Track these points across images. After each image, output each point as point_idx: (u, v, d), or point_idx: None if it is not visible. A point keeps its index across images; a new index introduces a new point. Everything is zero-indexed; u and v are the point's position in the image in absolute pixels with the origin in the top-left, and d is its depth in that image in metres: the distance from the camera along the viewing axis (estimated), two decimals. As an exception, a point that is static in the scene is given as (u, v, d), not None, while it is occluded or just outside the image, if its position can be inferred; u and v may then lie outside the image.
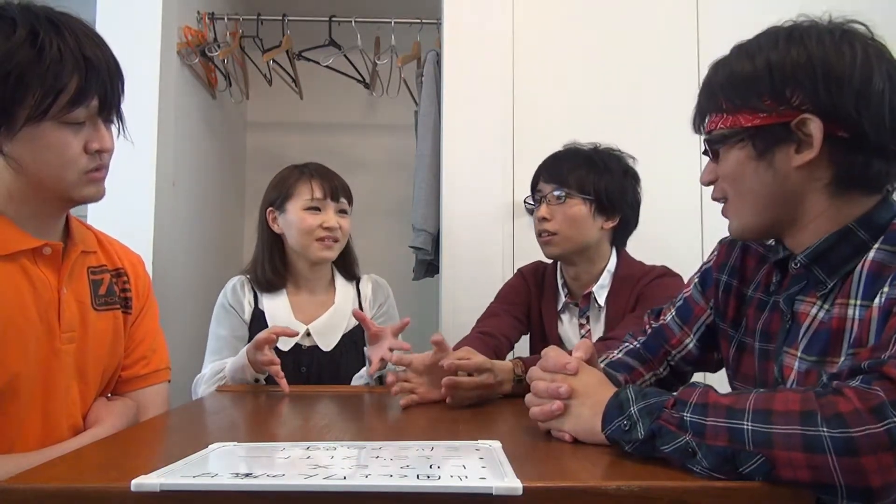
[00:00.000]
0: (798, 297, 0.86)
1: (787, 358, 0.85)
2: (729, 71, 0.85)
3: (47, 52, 0.85)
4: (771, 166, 0.82)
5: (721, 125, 0.85)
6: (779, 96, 0.79)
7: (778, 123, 0.80)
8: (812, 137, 0.78)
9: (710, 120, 0.87)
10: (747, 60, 0.83)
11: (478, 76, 2.14)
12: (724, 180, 0.88)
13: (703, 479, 0.63)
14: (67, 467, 0.72)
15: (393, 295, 1.68)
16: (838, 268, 0.81)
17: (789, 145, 0.80)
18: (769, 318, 0.91)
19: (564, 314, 1.57)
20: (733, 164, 0.85)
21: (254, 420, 1.09)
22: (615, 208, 1.50)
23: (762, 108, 0.81)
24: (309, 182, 1.54)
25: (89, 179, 0.94)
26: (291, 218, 1.54)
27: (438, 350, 1.13)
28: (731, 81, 0.84)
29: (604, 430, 0.75)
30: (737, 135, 0.83)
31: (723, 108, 0.85)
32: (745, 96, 0.82)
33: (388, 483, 0.60)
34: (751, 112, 0.81)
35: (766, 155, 0.82)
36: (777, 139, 0.81)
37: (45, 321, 0.93)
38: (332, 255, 1.55)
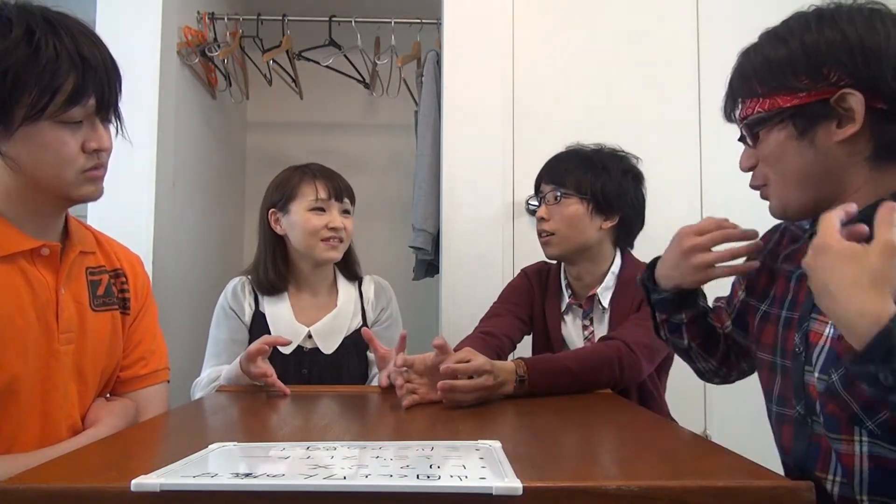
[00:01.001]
0: None
1: (817, 324, 0.85)
2: (762, 56, 0.85)
3: (43, 52, 0.85)
4: (813, 144, 0.83)
5: (759, 109, 0.85)
6: (816, 74, 0.80)
7: (818, 101, 0.81)
8: (853, 111, 0.79)
9: (746, 105, 0.88)
10: (781, 44, 0.84)
11: (478, 76, 2.14)
12: (765, 162, 0.89)
13: (703, 479, 0.63)
14: (67, 467, 0.72)
15: (395, 297, 1.68)
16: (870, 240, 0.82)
17: (830, 121, 0.81)
18: (797, 288, 0.92)
19: (568, 315, 1.57)
20: (774, 145, 0.86)
21: (254, 420, 1.09)
22: (613, 208, 1.50)
23: (800, 87, 0.81)
24: (313, 183, 1.54)
25: (87, 178, 0.94)
26: (295, 219, 1.53)
27: (440, 353, 1.13)
28: (766, 65, 0.85)
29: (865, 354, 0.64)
30: (776, 116, 0.84)
31: (758, 92, 0.85)
32: (782, 78, 0.83)
33: (388, 483, 0.60)
34: (789, 92, 0.82)
35: (807, 133, 0.82)
36: (818, 116, 0.81)
37: (43, 322, 0.93)
38: (337, 255, 1.55)
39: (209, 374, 1.45)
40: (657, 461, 0.75)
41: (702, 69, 2.15)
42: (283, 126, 3.07)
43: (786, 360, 0.91)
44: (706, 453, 0.78)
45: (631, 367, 1.28)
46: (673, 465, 0.74)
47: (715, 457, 0.75)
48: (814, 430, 0.83)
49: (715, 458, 0.75)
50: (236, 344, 1.49)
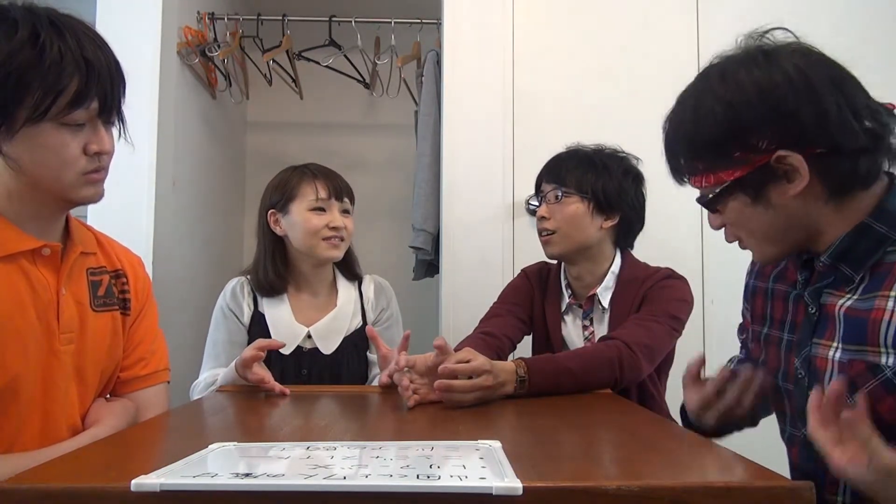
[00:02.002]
0: (826, 291, 0.87)
1: (820, 349, 0.86)
2: (682, 132, 0.89)
3: (48, 54, 0.85)
4: (770, 205, 0.84)
5: (705, 184, 0.87)
6: (745, 146, 0.82)
7: (758, 168, 0.82)
8: (795, 168, 0.80)
9: (693, 180, 0.90)
10: (693, 116, 0.86)
11: (478, 76, 2.14)
12: (733, 227, 0.91)
13: (703, 479, 0.63)
14: (67, 467, 0.72)
15: (395, 296, 1.68)
16: (863, 261, 0.83)
17: (779, 181, 0.82)
18: (795, 310, 0.93)
19: (568, 315, 1.57)
20: (734, 213, 0.88)
21: (254, 420, 1.09)
22: (613, 208, 1.50)
23: (737, 161, 0.83)
24: (313, 183, 1.54)
25: (88, 181, 0.94)
26: (296, 219, 1.53)
27: (440, 353, 1.13)
28: (693, 147, 0.87)
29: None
30: (725, 190, 0.86)
31: (699, 168, 0.87)
32: (714, 155, 0.85)
33: (388, 483, 0.60)
34: (727, 167, 0.84)
35: (760, 197, 0.84)
36: (765, 180, 0.83)
37: (43, 322, 0.93)
38: (338, 254, 1.55)
39: (206, 378, 1.45)
40: (657, 461, 0.75)
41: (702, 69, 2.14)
42: (283, 126, 3.07)
43: (788, 384, 0.92)
44: (706, 453, 0.78)
45: (631, 367, 1.28)
46: (673, 465, 0.74)
47: (715, 457, 0.75)
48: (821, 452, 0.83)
49: (715, 458, 0.75)
50: (235, 346, 1.49)
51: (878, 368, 0.78)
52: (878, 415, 0.76)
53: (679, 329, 1.42)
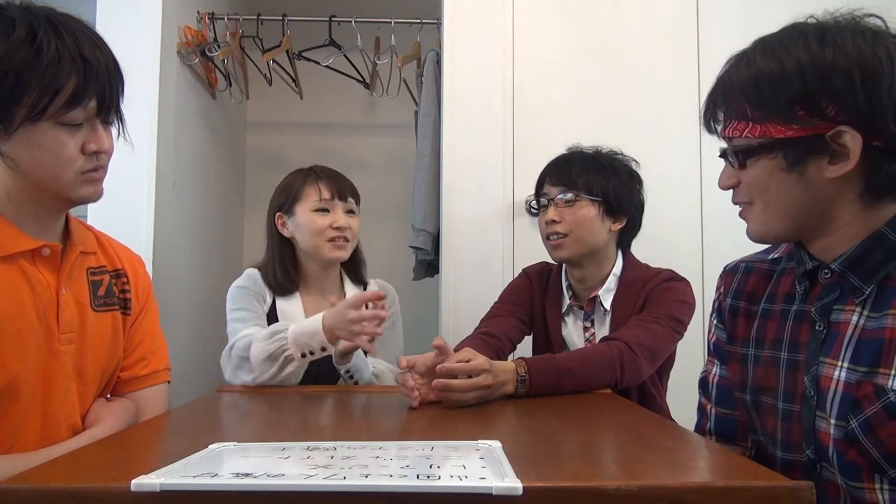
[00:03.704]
0: (835, 307, 0.82)
1: (826, 368, 0.81)
2: (754, 71, 0.80)
3: (45, 53, 0.86)
4: (802, 178, 0.79)
5: (748, 134, 0.80)
6: (813, 107, 0.76)
7: (812, 135, 0.76)
8: (848, 149, 0.75)
9: (733, 126, 0.83)
10: (774, 60, 0.78)
11: (478, 76, 2.14)
12: (751, 188, 0.84)
13: (703, 479, 0.63)
14: (67, 467, 0.72)
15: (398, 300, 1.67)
16: (874, 273, 0.79)
17: (823, 157, 0.77)
18: (797, 328, 0.87)
19: (568, 317, 1.57)
20: (761, 173, 0.82)
21: (254, 420, 1.09)
22: (622, 210, 1.50)
23: (795, 119, 0.76)
24: (316, 183, 1.55)
25: (86, 180, 0.94)
26: (301, 220, 1.53)
27: (440, 353, 1.13)
28: (757, 85, 0.79)
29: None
30: (766, 146, 0.79)
31: (748, 116, 0.80)
32: (776, 106, 0.78)
33: (388, 483, 0.60)
34: (782, 123, 0.77)
35: (797, 167, 0.78)
36: (811, 151, 0.77)
37: (43, 322, 0.93)
38: (344, 254, 1.55)
39: (268, 330, 1.36)
40: (657, 461, 0.75)
41: (702, 70, 2.15)
42: (283, 126, 3.07)
43: (793, 405, 0.86)
44: (706, 453, 0.78)
45: (631, 367, 1.28)
46: (673, 465, 0.74)
47: (715, 457, 0.75)
48: (822, 476, 0.81)
49: (715, 458, 0.75)
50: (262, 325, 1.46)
51: (883, 391, 0.74)
52: (880, 440, 0.74)
53: (680, 331, 1.42)
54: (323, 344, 1.30)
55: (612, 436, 0.94)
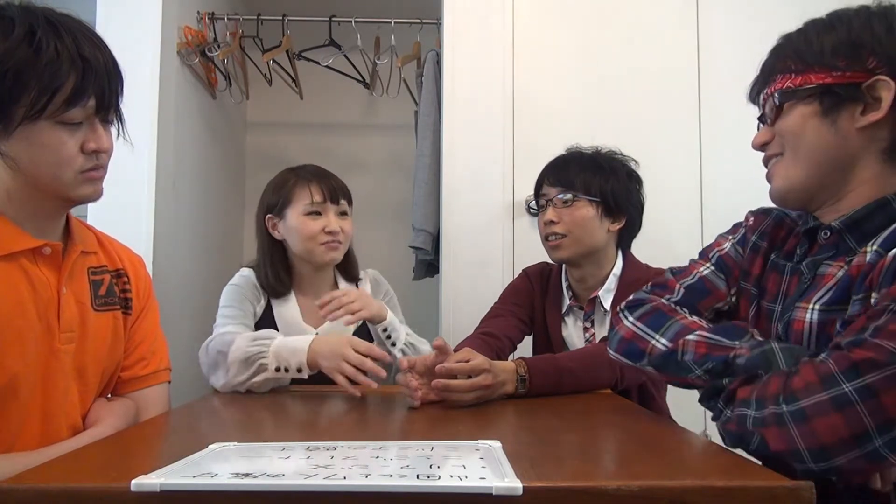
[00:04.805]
0: (825, 262, 0.86)
1: (799, 312, 0.85)
2: (805, 37, 0.85)
3: (44, 52, 0.86)
4: (834, 125, 0.83)
5: (789, 84, 0.85)
6: (855, 56, 0.81)
7: (850, 83, 0.81)
8: (881, 100, 0.79)
9: (776, 81, 0.87)
10: (826, 29, 0.84)
11: (478, 76, 2.14)
12: (783, 135, 0.88)
13: (703, 479, 0.63)
14: (67, 467, 0.72)
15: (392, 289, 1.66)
16: (870, 236, 0.82)
17: (856, 106, 0.81)
18: (789, 282, 0.91)
19: (569, 317, 1.57)
20: (796, 119, 0.85)
21: (254, 420, 1.09)
22: (621, 210, 1.50)
23: (836, 66, 0.81)
24: (307, 186, 1.51)
25: (86, 179, 0.94)
26: (292, 224, 1.51)
27: (440, 354, 1.13)
28: (807, 44, 0.84)
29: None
30: (806, 91, 0.84)
31: (792, 68, 0.85)
32: (820, 55, 0.83)
33: (388, 483, 0.60)
34: (823, 69, 0.82)
35: (831, 113, 0.82)
36: (846, 98, 0.81)
37: (44, 321, 0.93)
38: (337, 256, 1.53)
39: (253, 334, 1.34)
40: (657, 461, 0.75)
41: (702, 70, 2.15)
42: (283, 126, 3.07)
43: None
44: (706, 453, 0.78)
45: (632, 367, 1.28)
46: (673, 465, 0.74)
47: (715, 457, 0.75)
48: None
49: (715, 458, 0.75)
50: (251, 323, 1.47)
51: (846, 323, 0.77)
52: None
53: None
54: (300, 365, 1.26)
55: (612, 436, 0.94)
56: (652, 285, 1.08)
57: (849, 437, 0.66)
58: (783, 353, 0.79)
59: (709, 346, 0.87)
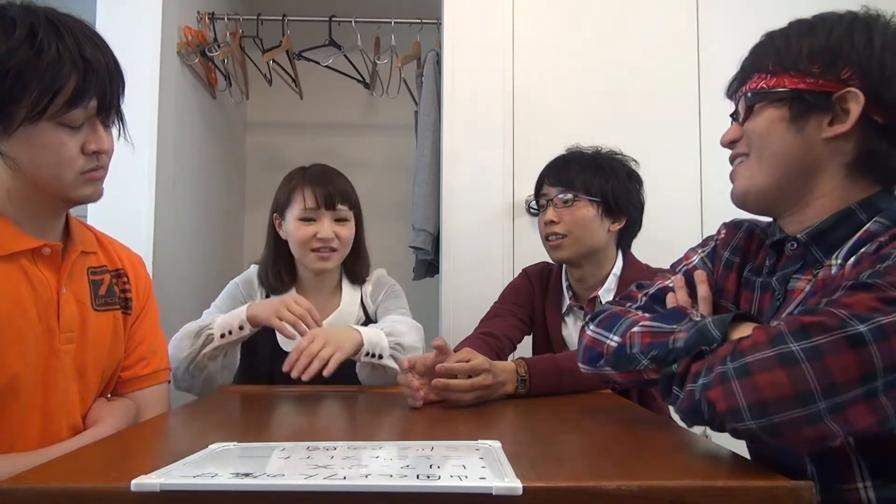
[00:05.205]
0: (794, 276, 0.86)
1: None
2: (786, 37, 0.85)
3: (46, 53, 0.85)
4: (801, 132, 0.83)
5: (763, 85, 0.85)
6: (830, 65, 0.80)
7: (821, 91, 0.80)
8: (849, 112, 0.79)
9: (752, 80, 0.87)
10: (808, 31, 0.83)
11: (478, 76, 2.14)
12: (750, 137, 0.88)
13: (703, 479, 0.63)
14: (67, 467, 0.72)
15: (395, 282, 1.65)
16: (835, 247, 0.82)
17: (824, 115, 0.81)
18: (762, 298, 0.91)
19: (569, 317, 1.57)
20: (765, 121, 0.85)
21: (254, 420, 1.09)
22: (621, 210, 1.50)
23: (810, 72, 0.81)
24: (302, 190, 1.50)
25: (86, 179, 0.94)
26: (289, 228, 1.52)
27: (440, 354, 1.13)
28: (786, 45, 0.84)
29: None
30: (777, 94, 0.84)
31: (768, 68, 0.85)
32: (796, 59, 0.82)
33: (388, 483, 0.60)
34: (798, 74, 0.82)
35: (799, 120, 0.82)
36: (815, 106, 0.81)
37: (44, 321, 0.93)
38: (329, 265, 1.52)
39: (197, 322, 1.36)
40: (657, 461, 0.75)
41: (702, 70, 2.15)
42: (283, 126, 3.07)
43: None
44: (706, 453, 0.78)
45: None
46: (673, 465, 0.74)
47: (715, 457, 0.75)
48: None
49: (715, 458, 0.75)
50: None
51: None
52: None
53: None
54: (242, 323, 1.29)
55: (612, 436, 0.94)
56: (620, 297, 1.09)
57: (792, 394, 0.64)
58: (714, 322, 0.79)
59: (652, 334, 0.87)
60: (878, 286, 0.67)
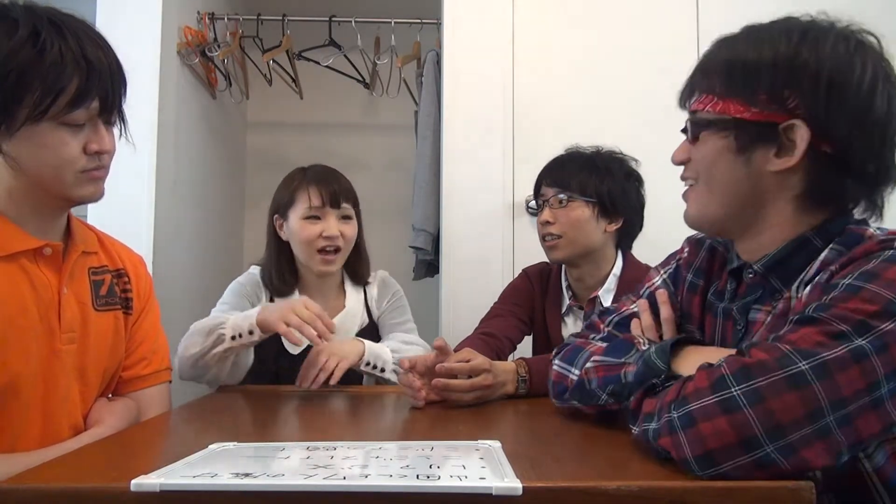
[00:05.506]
0: (754, 307, 0.84)
1: None
2: (733, 52, 0.81)
3: (48, 53, 0.85)
4: (747, 163, 0.80)
5: (709, 108, 0.82)
6: (775, 94, 0.77)
7: (766, 122, 0.77)
8: (795, 145, 0.76)
9: (699, 99, 0.83)
10: (754, 47, 0.80)
11: (478, 76, 2.14)
12: (698, 164, 0.86)
13: (703, 479, 0.63)
14: (67, 467, 0.72)
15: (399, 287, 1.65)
16: (794, 276, 0.80)
17: (770, 147, 0.78)
18: (724, 326, 0.89)
19: (568, 317, 1.57)
20: (710, 151, 0.82)
21: (254, 420, 1.09)
22: (618, 211, 1.50)
23: (755, 102, 0.78)
24: (307, 189, 1.49)
25: (87, 179, 0.94)
26: (293, 227, 1.50)
27: (440, 354, 1.13)
28: (731, 63, 0.80)
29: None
30: (722, 123, 0.80)
31: (716, 90, 0.81)
32: (742, 84, 0.79)
33: (387, 483, 0.60)
34: (742, 103, 0.79)
35: (745, 151, 0.79)
36: (760, 138, 0.78)
37: (45, 321, 0.93)
38: (333, 268, 1.52)
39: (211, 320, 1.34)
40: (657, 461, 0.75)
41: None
42: (283, 126, 3.07)
43: None
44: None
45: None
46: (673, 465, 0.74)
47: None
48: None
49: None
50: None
51: None
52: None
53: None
54: (251, 327, 1.26)
55: (612, 436, 0.94)
56: (584, 326, 1.08)
57: (736, 441, 0.62)
58: (657, 353, 0.78)
59: (605, 368, 0.86)
60: (824, 320, 0.66)
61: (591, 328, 1.06)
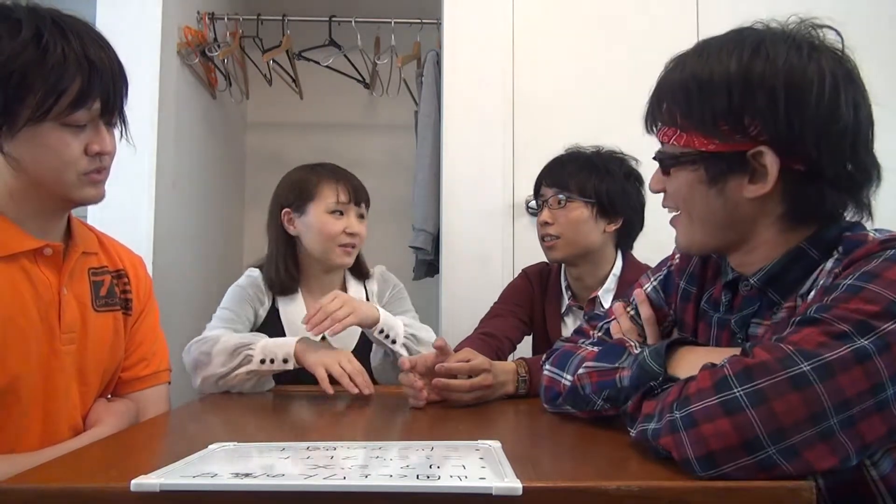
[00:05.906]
0: (753, 321, 0.83)
1: None
2: (686, 76, 0.80)
3: (51, 54, 0.86)
4: (722, 193, 0.79)
5: (674, 142, 0.80)
6: (736, 123, 0.75)
7: (733, 152, 0.76)
8: (767, 170, 0.75)
9: (664, 131, 0.83)
10: (706, 67, 0.78)
11: (478, 76, 2.14)
12: (674, 196, 0.85)
13: (704, 479, 0.63)
14: (67, 467, 0.72)
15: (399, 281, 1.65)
16: (792, 288, 0.79)
17: (743, 175, 0.77)
18: (719, 336, 0.88)
19: (568, 317, 1.57)
20: (683, 185, 0.82)
21: (254, 420, 1.09)
22: (617, 211, 1.50)
23: (718, 133, 0.76)
24: (335, 184, 1.50)
25: (89, 181, 0.94)
26: (312, 221, 1.49)
27: (440, 354, 1.13)
28: (687, 92, 0.79)
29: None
30: (689, 156, 0.79)
31: (677, 123, 0.80)
32: (701, 117, 0.77)
33: (387, 483, 0.60)
34: (705, 136, 0.77)
35: (717, 182, 0.78)
36: (730, 168, 0.77)
37: (45, 322, 0.93)
38: (350, 261, 1.53)
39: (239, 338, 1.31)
40: (657, 461, 0.75)
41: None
42: (283, 126, 3.07)
43: None
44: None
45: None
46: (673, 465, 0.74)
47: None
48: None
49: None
50: (244, 327, 1.46)
51: None
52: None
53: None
54: (287, 356, 1.25)
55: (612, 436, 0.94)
56: (574, 332, 1.08)
57: (738, 443, 0.62)
58: (651, 356, 0.77)
59: (598, 373, 0.86)
60: (825, 320, 0.66)
61: (579, 333, 1.06)
